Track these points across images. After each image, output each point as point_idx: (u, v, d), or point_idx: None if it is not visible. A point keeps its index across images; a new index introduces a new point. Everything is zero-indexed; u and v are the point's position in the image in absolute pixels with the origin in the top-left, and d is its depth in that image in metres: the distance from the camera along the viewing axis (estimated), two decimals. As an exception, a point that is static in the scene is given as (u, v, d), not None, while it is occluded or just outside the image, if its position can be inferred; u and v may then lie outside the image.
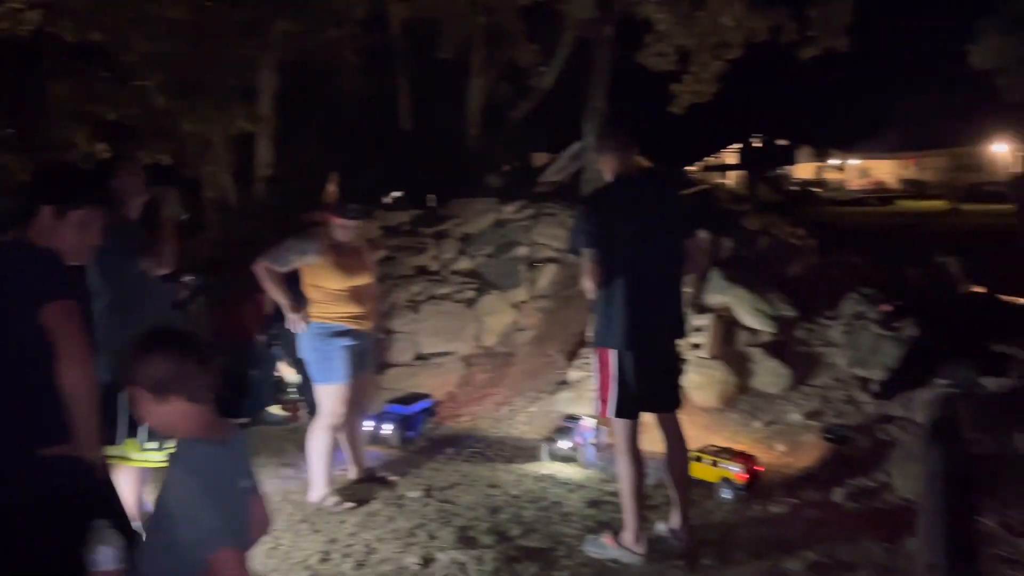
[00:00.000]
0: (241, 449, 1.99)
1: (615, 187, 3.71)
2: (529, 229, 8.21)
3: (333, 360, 4.17)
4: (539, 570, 3.51)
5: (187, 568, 1.73)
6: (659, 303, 3.59)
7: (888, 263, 9.20)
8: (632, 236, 3.52)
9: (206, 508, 1.73)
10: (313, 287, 4.23)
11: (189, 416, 1.82)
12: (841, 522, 3.95)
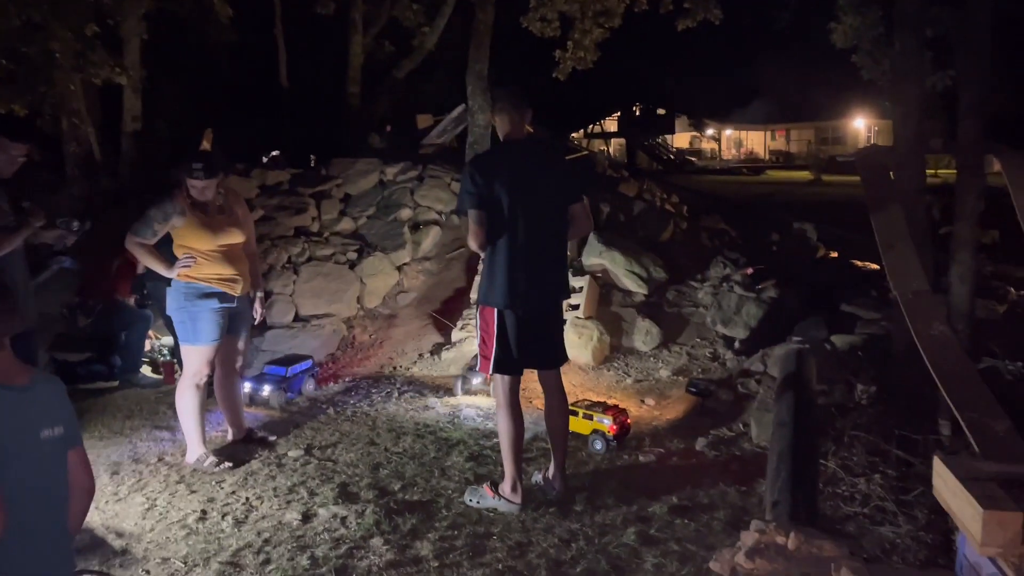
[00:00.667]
0: (49, 398, 2.01)
1: (502, 150, 3.78)
2: (413, 191, 8.20)
3: (199, 321, 4.09)
4: (419, 521, 3.61)
5: None
6: (541, 265, 3.71)
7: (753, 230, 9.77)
8: (517, 199, 3.60)
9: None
10: (181, 247, 4.12)
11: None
12: (703, 469, 4.25)
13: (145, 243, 4.04)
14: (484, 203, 3.62)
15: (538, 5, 12.61)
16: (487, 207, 3.62)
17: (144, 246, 4.04)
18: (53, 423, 1.97)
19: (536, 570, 3.20)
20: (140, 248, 4.05)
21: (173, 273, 4.09)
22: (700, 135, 48.06)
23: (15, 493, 1.87)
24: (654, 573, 3.16)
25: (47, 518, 1.97)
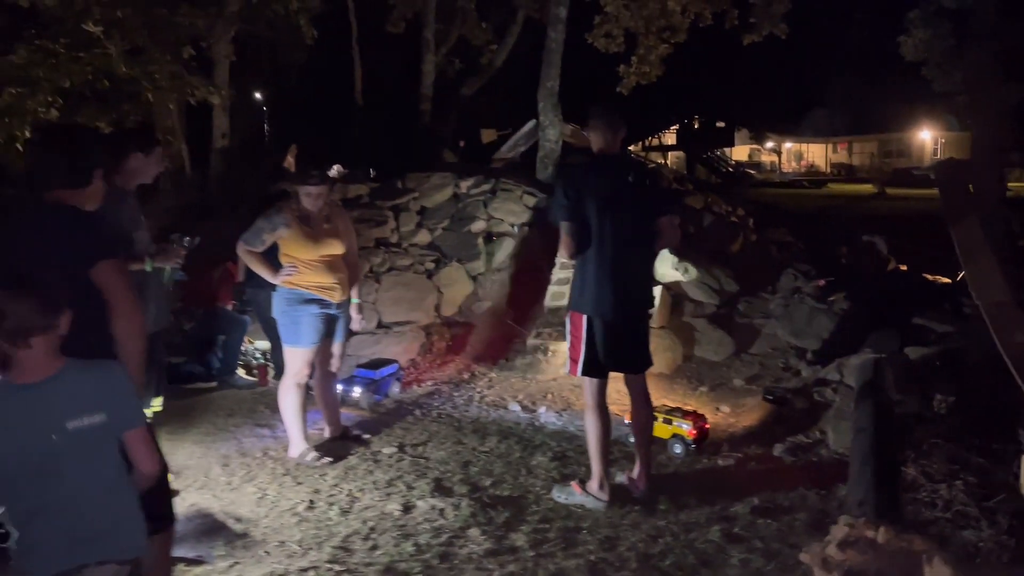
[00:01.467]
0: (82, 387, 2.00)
1: (595, 164, 4.00)
2: (486, 204, 8.47)
3: (301, 325, 4.39)
4: (511, 515, 3.83)
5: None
6: (629, 274, 3.90)
7: (821, 242, 9.79)
8: (607, 211, 3.80)
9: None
10: (286, 256, 4.43)
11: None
12: (781, 473, 4.37)
13: (254, 251, 4.35)
14: (576, 215, 3.83)
15: (603, 22, 12.86)
16: (579, 218, 3.83)
17: (254, 254, 4.36)
18: (87, 411, 1.96)
19: (627, 562, 3.37)
20: (250, 255, 4.37)
21: (278, 280, 4.39)
22: (760, 148, 47.61)
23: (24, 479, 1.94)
24: (740, 568, 3.31)
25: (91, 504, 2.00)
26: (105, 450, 2.02)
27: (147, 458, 2.10)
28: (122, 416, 2.04)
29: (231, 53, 9.02)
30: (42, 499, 1.97)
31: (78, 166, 2.47)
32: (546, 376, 6.26)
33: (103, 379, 2.05)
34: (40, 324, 1.94)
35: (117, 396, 2.04)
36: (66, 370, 1.99)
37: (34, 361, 1.96)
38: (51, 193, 2.42)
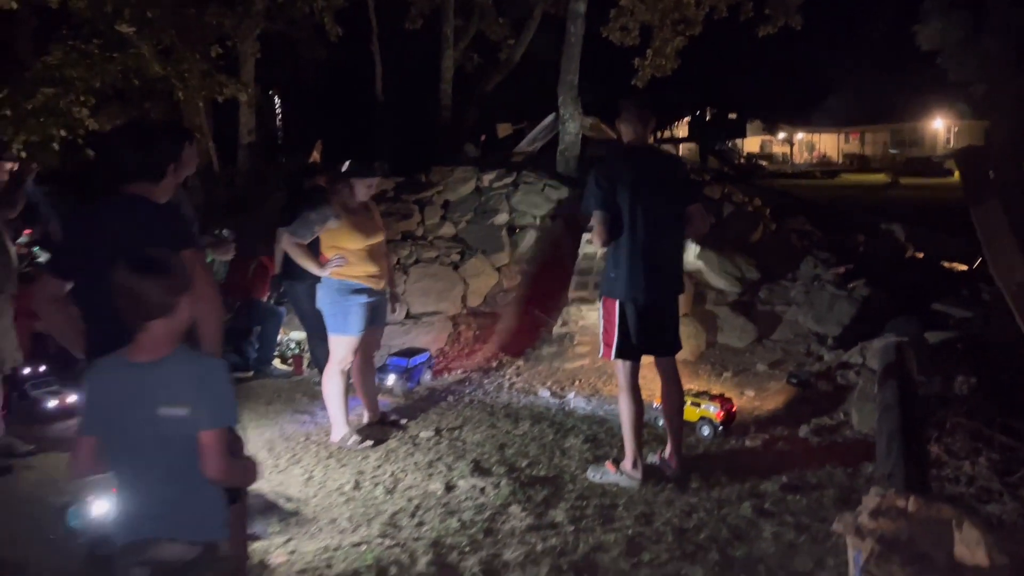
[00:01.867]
0: (177, 378, 2.08)
1: (626, 154, 4.14)
2: (508, 197, 8.62)
3: (350, 314, 4.55)
4: (549, 493, 3.99)
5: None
6: (659, 261, 4.05)
7: (838, 231, 9.88)
8: (637, 201, 3.95)
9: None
10: (333, 248, 4.57)
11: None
12: (808, 453, 4.51)
13: (302, 243, 4.51)
14: (607, 204, 3.98)
15: (618, 15, 12.95)
16: (610, 208, 3.98)
17: (300, 246, 4.51)
18: (175, 403, 2.04)
19: (663, 536, 3.53)
20: (296, 248, 4.52)
21: (326, 272, 4.54)
22: (772, 138, 47.51)
23: (122, 453, 2.09)
24: (773, 541, 3.46)
25: (166, 485, 2.10)
26: (183, 441, 2.07)
27: (211, 462, 2.08)
28: (203, 415, 2.07)
29: (256, 51, 9.20)
30: (130, 470, 2.13)
31: (152, 161, 2.64)
32: (573, 364, 6.41)
33: (198, 375, 2.11)
34: (159, 307, 2.06)
35: (205, 395, 2.09)
36: (171, 358, 2.09)
37: (149, 342, 2.08)
38: (128, 187, 2.58)
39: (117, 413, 2.09)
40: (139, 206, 2.55)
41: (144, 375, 2.07)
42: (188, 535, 2.12)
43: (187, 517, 2.13)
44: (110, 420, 2.10)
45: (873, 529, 2.81)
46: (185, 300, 2.12)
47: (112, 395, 2.10)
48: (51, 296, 2.63)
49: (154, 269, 2.08)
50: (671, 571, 3.24)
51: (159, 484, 2.10)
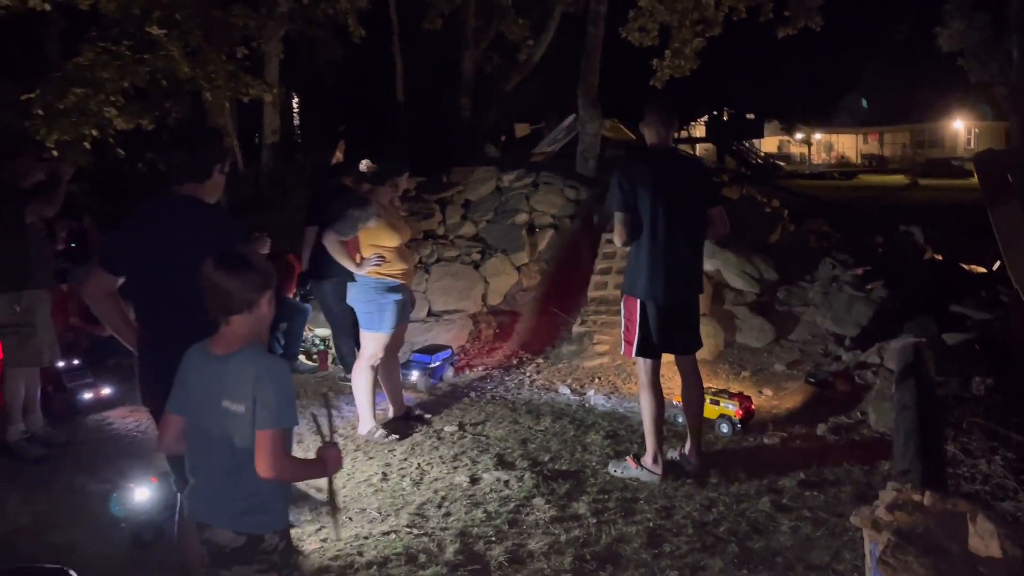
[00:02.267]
0: (239, 376, 2.13)
1: (648, 157, 4.24)
2: (528, 197, 8.73)
3: (385, 312, 4.67)
4: (571, 487, 4.10)
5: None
6: (680, 261, 4.13)
7: (857, 232, 9.92)
8: (659, 202, 4.04)
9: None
10: (372, 247, 4.67)
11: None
12: (825, 450, 4.58)
13: (344, 241, 4.62)
14: (629, 205, 4.08)
15: (637, 16, 13.02)
16: (632, 209, 4.08)
17: (343, 244, 4.62)
18: (236, 398, 2.11)
19: (683, 529, 3.62)
20: (340, 246, 4.61)
21: (364, 270, 4.65)
22: (790, 139, 47.34)
23: (195, 436, 2.22)
24: (791, 534, 3.55)
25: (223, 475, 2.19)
26: (240, 437, 2.12)
27: (264, 462, 2.10)
28: (259, 414, 2.09)
29: (280, 51, 9.36)
30: (197, 454, 2.24)
31: (199, 161, 2.76)
32: (592, 362, 6.50)
33: (257, 375, 2.13)
34: (241, 303, 2.16)
35: (264, 394, 2.10)
36: (240, 354, 2.16)
37: (229, 336, 2.19)
38: (180, 187, 2.71)
39: (194, 398, 2.21)
40: (188, 205, 2.67)
41: (217, 366, 2.17)
42: (235, 525, 2.19)
43: (237, 508, 2.19)
44: (188, 403, 2.23)
45: (890, 522, 2.89)
46: (267, 298, 2.21)
47: (193, 380, 2.23)
48: (104, 290, 2.76)
49: (239, 267, 2.18)
50: (691, 562, 3.33)
51: (217, 472, 2.20)
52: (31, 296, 4.53)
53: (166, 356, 2.47)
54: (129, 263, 2.73)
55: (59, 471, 4.38)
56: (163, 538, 3.49)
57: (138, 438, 4.98)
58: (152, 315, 2.71)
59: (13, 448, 4.56)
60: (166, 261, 2.65)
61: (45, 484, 4.19)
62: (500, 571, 3.29)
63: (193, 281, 2.55)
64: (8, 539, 3.57)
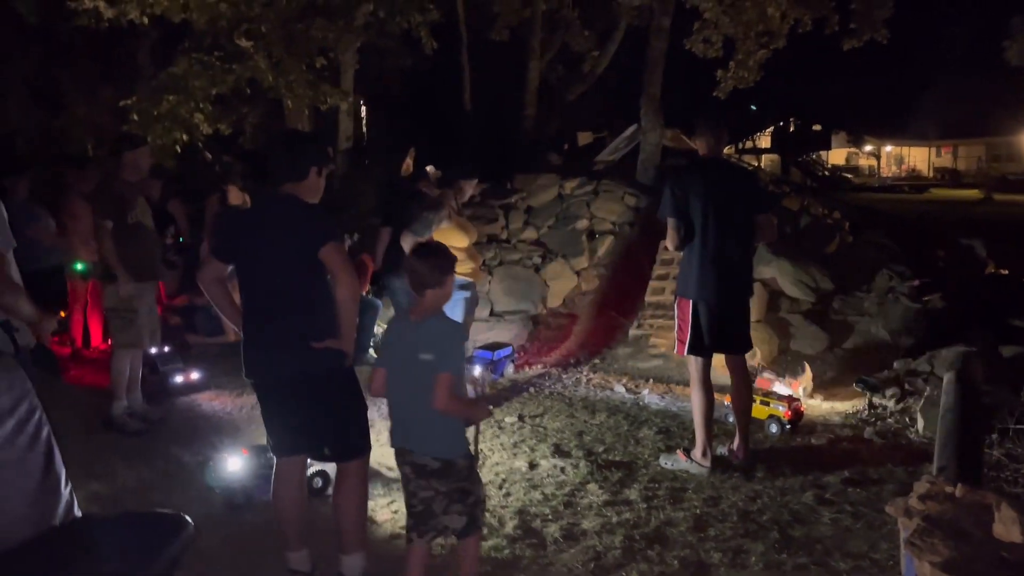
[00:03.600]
0: (431, 334, 2.79)
1: (700, 166, 4.50)
2: (589, 204, 9.01)
3: (455, 308, 5.02)
4: (623, 475, 4.36)
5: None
6: (729, 264, 4.37)
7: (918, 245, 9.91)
8: (710, 208, 4.30)
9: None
10: None
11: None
12: (871, 452, 4.75)
13: (418, 239, 4.96)
14: (681, 212, 4.34)
15: (702, 27, 13.17)
16: (684, 215, 4.34)
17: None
18: (427, 351, 2.75)
19: (728, 516, 3.86)
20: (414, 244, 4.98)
21: None
22: (858, 151, 46.45)
23: (397, 383, 2.84)
24: (831, 525, 3.75)
25: (418, 411, 2.78)
26: (430, 380, 2.73)
27: (439, 397, 2.72)
28: (439, 361, 2.74)
29: (356, 61, 9.86)
30: (398, 396, 2.86)
31: (296, 163, 3.13)
32: (648, 364, 6.74)
33: (443, 333, 2.82)
34: (433, 281, 2.80)
35: (444, 347, 2.78)
36: (431, 319, 2.82)
37: (424, 307, 2.83)
38: (281, 187, 3.09)
39: (396, 353, 2.86)
40: (289, 203, 3.04)
41: (415, 329, 2.82)
42: (432, 452, 2.81)
43: (431, 437, 2.81)
44: (393, 358, 2.87)
45: (920, 510, 3.09)
46: (450, 278, 2.85)
47: (396, 340, 2.89)
48: (214, 276, 3.15)
49: (430, 255, 2.86)
50: (734, 546, 3.57)
51: (414, 409, 2.80)
52: (139, 286, 4.99)
53: (261, 334, 3.00)
54: (236, 253, 3.11)
55: (157, 443, 4.83)
56: (252, 502, 3.88)
57: (224, 417, 5.42)
58: (253, 297, 3.08)
59: (116, 422, 5.04)
60: (264, 252, 3.02)
61: (145, 454, 4.63)
62: (555, 546, 3.58)
63: (287, 270, 2.94)
64: (117, 497, 4.01)
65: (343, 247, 3.01)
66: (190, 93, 8.58)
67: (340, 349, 3.01)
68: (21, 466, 2.62)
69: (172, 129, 8.58)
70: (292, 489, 3.16)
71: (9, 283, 3.03)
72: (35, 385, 2.83)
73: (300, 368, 3.00)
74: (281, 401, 3.09)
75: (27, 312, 3.11)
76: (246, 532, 3.68)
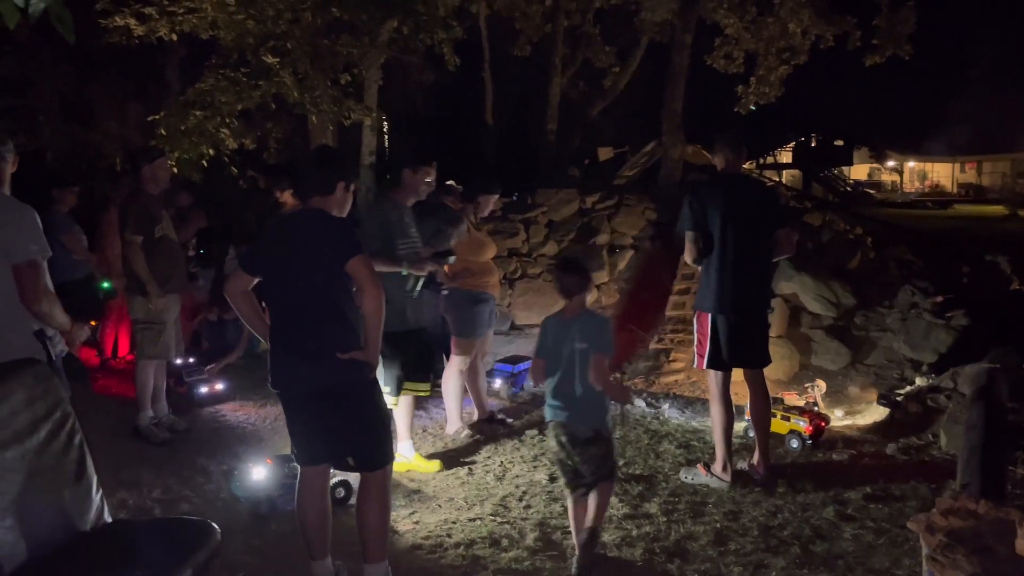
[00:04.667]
0: (584, 328, 3.40)
1: (719, 181, 4.53)
2: (609, 218, 9.05)
3: (475, 320, 5.07)
4: (644, 489, 4.37)
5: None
6: (748, 279, 4.39)
7: (941, 261, 9.84)
8: (728, 223, 4.32)
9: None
10: (461, 260, 5.06)
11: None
12: (893, 468, 4.71)
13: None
14: (700, 226, 4.37)
15: (723, 43, 13.24)
16: (702, 229, 4.37)
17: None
18: (583, 341, 3.36)
19: (749, 530, 3.85)
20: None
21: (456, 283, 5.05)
22: (880, 167, 46.14)
23: (553, 367, 3.44)
24: (853, 541, 3.74)
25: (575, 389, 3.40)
26: (585, 364, 3.37)
27: (596, 375, 3.35)
28: (595, 347, 3.37)
29: (379, 78, 9.99)
30: (557, 379, 3.46)
31: (323, 178, 3.19)
32: (668, 378, 6.75)
33: (596, 325, 3.47)
34: (577, 288, 3.46)
35: (596, 336, 3.40)
36: (581, 316, 3.47)
37: (573, 308, 3.48)
38: (310, 200, 3.16)
39: (553, 345, 3.47)
40: (317, 217, 3.10)
41: (568, 324, 3.46)
42: (588, 424, 3.44)
43: (585, 412, 3.44)
44: (549, 349, 3.48)
45: (943, 526, 3.08)
46: (589, 288, 3.53)
47: (552, 335, 3.51)
48: (241, 288, 3.22)
49: (575, 270, 3.52)
50: (754, 560, 3.56)
51: (572, 389, 3.42)
52: (167, 298, 5.09)
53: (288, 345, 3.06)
54: (263, 265, 3.18)
55: (182, 453, 4.91)
56: (276, 511, 3.93)
57: (248, 428, 5.49)
58: (278, 309, 3.14)
59: (142, 432, 5.12)
60: (292, 264, 3.08)
61: (171, 464, 4.71)
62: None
63: (314, 282, 2.99)
64: (144, 506, 4.08)
65: (369, 260, 3.06)
66: (217, 108, 8.75)
67: (366, 360, 3.05)
68: (54, 472, 2.69)
69: (199, 144, 8.75)
70: (316, 498, 3.21)
71: (45, 291, 3.12)
72: (68, 393, 2.91)
73: (326, 379, 3.05)
74: (306, 411, 3.14)
75: (60, 320, 3.20)
76: (270, 541, 3.73)
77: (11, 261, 3.04)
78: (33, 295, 3.07)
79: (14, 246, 3.04)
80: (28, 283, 3.06)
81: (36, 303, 3.08)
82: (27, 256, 3.06)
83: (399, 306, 4.25)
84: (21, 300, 3.06)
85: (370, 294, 3.00)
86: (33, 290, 3.06)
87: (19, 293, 3.06)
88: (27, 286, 3.06)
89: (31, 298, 3.06)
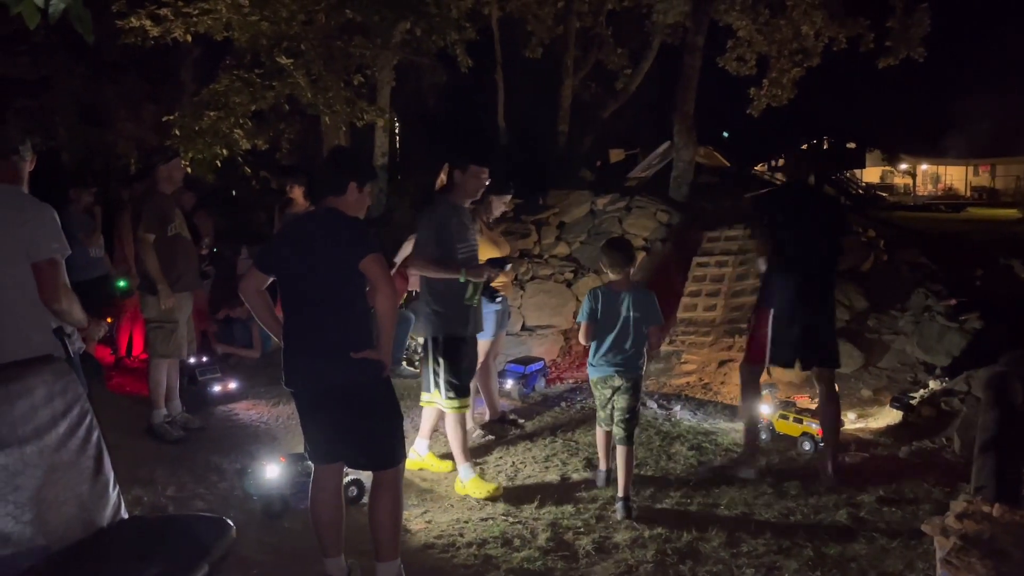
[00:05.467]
0: (638, 301, 4.11)
1: (784, 190, 4.89)
2: (621, 220, 9.04)
3: (488, 320, 5.06)
4: (655, 490, 4.37)
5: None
6: (810, 282, 4.53)
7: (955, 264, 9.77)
8: (793, 228, 4.52)
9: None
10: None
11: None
12: (907, 471, 4.70)
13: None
14: (767, 232, 4.58)
15: (735, 46, 13.22)
16: (769, 235, 4.57)
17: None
18: (634, 311, 4.09)
19: (761, 532, 3.85)
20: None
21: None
22: (893, 169, 45.90)
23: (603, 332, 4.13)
24: (866, 544, 3.73)
25: (631, 350, 4.13)
26: (639, 332, 4.12)
27: (655, 343, 4.26)
28: (648, 318, 4.13)
29: (392, 79, 10.03)
30: (614, 344, 4.13)
31: (335, 178, 3.21)
32: (679, 380, 6.74)
33: (646, 298, 4.15)
34: (624, 262, 4.11)
35: (646, 307, 4.13)
36: (633, 289, 4.16)
37: (622, 281, 4.15)
38: (323, 200, 3.18)
39: (607, 314, 4.13)
40: (331, 216, 3.12)
41: (619, 296, 4.13)
42: (631, 373, 4.17)
43: (633, 365, 4.16)
44: (604, 318, 4.12)
45: (958, 529, 3.07)
46: (634, 264, 4.21)
47: (604, 303, 4.13)
48: (255, 287, 3.24)
49: (618, 244, 4.27)
50: (767, 562, 3.56)
51: (621, 348, 4.12)
52: (179, 297, 5.12)
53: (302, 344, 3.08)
54: (277, 264, 3.20)
55: (196, 451, 4.94)
56: (290, 509, 3.95)
57: (261, 426, 5.52)
58: (294, 310, 3.16)
59: (156, 430, 5.16)
60: (306, 264, 3.10)
61: (185, 462, 4.73)
62: (587, 559, 3.60)
63: (327, 281, 3.01)
64: (158, 503, 4.10)
65: (383, 259, 3.08)
66: (231, 109, 8.80)
67: (378, 359, 3.07)
68: (73, 468, 2.72)
69: (212, 144, 8.80)
70: (329, 496, 3.22)
71: (64, 289, 3.15)
72: (85, 390, 2.94)
73: (339, 378, 3.07)
74: (320, 409, 3.16)
75: (78, 318, 3.23)
76: (284, 539, 3.76)
77: (32, 259, 3.07)
78: (53, 292, 3.10)
79: (35, 244, 3.07)
80: (48, 281, 3.09)
81: (55, 300, 3.11)
82: (48, 254, 3.09)
83: (461, 312, 4.29)
84: (40, 297, 3.10)
85: (384, 293, 3.01)
86: (53, 287, 3.10)
87: (39, 290, 3.09)
88: (47, 284, 3.09)
89: (50, 295, 3.10)
